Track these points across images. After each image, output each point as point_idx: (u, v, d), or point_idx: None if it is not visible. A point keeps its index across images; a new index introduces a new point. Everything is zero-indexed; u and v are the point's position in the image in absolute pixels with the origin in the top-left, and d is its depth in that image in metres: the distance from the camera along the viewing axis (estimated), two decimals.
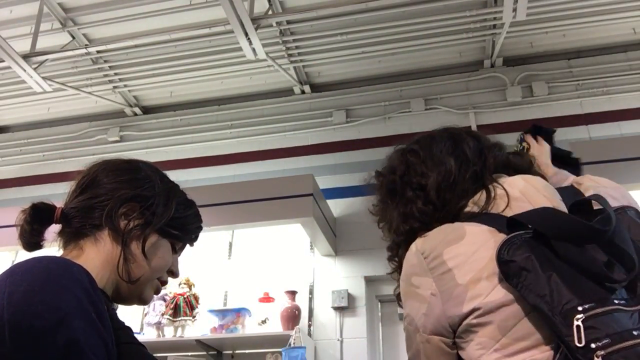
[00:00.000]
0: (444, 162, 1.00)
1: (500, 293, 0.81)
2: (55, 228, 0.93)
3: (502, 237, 0.83)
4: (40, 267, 0.72)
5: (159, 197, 0.94)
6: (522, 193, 0.91)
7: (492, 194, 0.93)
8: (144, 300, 0.96)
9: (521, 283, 0.77)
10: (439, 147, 1.03)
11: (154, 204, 0.93)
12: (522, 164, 1.04)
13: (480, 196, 0.94)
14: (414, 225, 0.99)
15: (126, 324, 0.84)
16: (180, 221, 0.97)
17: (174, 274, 1.00)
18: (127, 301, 0.95)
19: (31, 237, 0.90)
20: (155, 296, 3.59)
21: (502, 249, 0.80)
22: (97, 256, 0.88)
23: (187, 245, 1.04)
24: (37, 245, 0.91)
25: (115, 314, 0.85)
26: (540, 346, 0.77)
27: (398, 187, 1.04)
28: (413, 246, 0.93)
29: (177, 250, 1.00)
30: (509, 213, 0.88)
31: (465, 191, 0.96)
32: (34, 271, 0.70)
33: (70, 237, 0.91)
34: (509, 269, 0.79)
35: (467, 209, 0.95)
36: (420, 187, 1.00)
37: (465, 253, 0.85)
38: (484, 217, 0.90)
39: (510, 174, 0.99)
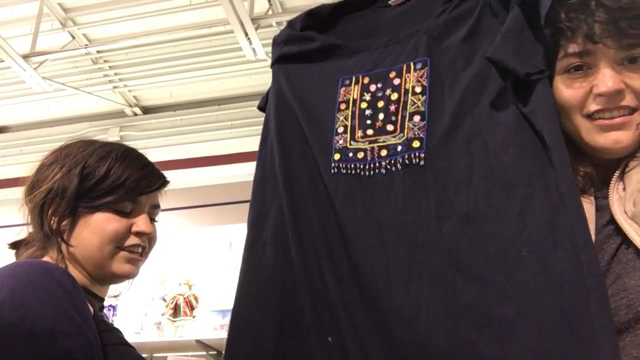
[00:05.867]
0: None
1: None
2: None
3: None
4: (20, 271, 0.72)
5: (62, 179, 0.89)
6: None
7: None
8: (118, 276, 0.89)
9: None
10: None
11: (62, 188, 0.88)
12: None
13: None
14: None
15: (115, 325, 0.84)
16: (98, 189, 0.88)
17: (138, 233, 0.91)
18: (106, 281, 0.90)
19: None
20: (155, 296, 3.58)
21: None
22: (62, 259, 0.87)
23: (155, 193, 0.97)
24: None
25: (102, 316, 0.84)
26: None
27: None
28: None
29: (126, 214, 0.90)
30: None
31: None
32: (14, 275, 0.70)
33: (41, 254, 0.91)
34: None
35: None
36: None
37: None
38: None
39: None
